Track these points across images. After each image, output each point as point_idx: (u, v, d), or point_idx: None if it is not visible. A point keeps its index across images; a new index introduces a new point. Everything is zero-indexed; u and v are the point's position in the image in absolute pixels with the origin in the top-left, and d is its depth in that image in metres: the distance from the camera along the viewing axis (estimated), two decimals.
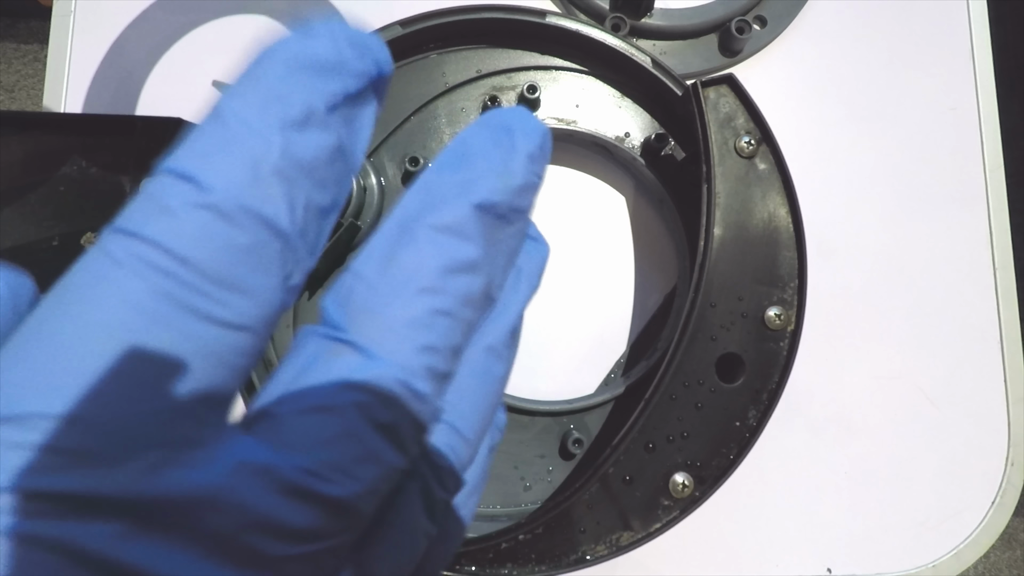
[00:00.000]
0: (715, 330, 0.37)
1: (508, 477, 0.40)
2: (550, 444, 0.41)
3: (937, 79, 0.48)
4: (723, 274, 0.37)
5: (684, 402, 0.36)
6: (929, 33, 0.49)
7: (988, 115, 0.48)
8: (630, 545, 0.35)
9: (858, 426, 0.43)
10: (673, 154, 0.43)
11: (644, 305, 0.44)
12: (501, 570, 0.35)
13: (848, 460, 0.43)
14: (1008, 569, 1.20)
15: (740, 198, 0.38)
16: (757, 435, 0.36)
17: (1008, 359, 0.45)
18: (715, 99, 0.38)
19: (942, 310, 0.45)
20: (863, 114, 0.47)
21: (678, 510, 0.36)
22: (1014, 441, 0.44)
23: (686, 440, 0.36)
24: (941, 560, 0.42)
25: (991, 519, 0.43)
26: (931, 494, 0.43)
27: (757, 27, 0.47)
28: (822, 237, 0.45)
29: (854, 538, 0.42)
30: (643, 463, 0.36)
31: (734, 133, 0.38)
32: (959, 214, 0.46)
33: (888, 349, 0.44)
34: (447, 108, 0.42)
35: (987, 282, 0.46)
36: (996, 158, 0.47)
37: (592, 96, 0.43)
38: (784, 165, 0.38)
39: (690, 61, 0.46)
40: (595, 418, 0.41)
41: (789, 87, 0.47)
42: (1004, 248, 0.46)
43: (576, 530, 0.35)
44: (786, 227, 0.38)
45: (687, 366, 0.36)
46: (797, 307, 0.37)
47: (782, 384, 0.36)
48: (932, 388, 0.44)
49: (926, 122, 0.47)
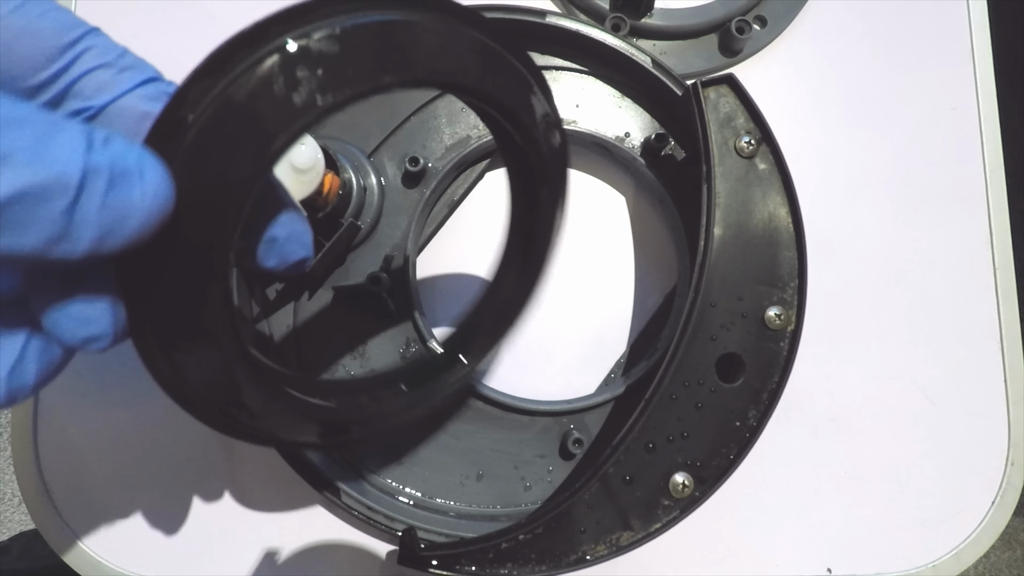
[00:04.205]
0: (715, 330, 0.37)
1: (508, 477, 0.40)
2: (550, 444, 0.41)
3: (937, 79, 0.48)
4: (723, 274, 0.37)
5: (684, 402, 0.36)
6: (929, 33, 0.49)
7: (988, 115, 0.48)
8: (630, 545, 0.35)
9: (858, 426, 0.43)
10: (673, 154, 0.43)
11: (644, 305, 0.44)
12: (501, 570, 0.35)
13: (848, 460, 0.43)
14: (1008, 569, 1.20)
15: (740, 198, 0.38)
16: (757, 435, 0.36)
17: (1008, 359, 0.45)
18: (715, 99, 0.38)
19: (942, 310, 0.45)
20: (863, 114, 0.47)
21: (678, 510, 0.36)
22: (1014, 441, 0.44)
23: (686, 440, 0.36)
24: (941, 560, 0.42)
25: (991, 519, 0.43)
26: (931, 494, 0.43)
27: (757, 27, 0.47)
28: (822, 237, 0.45)
29: (854, 538, 0.42)
30: (643, 463, 0.36)
31: (734, 133, 0.38)
32: (959, 214, 0.46)
33: (888, 349, 0.44)
34: (447, 108, 0.42)
35: (987, 282, 0.46)
36: (996, 158, 0.47)
37: (592, 96, 0.43)
38: (784, 165, 0.38)
39: (690, 61, 0.46)
40: (595, 418, 0.41)
41: (789, 87, 0.47)
42: (1004, 248, 0.46)
43: (576, 530, 0.35)
44: (786, 227, 0.38)
45: (687, 366, 0.36)
46: (797, 307, 0.37)
47: (782, 384, 0.36)
48: (932, 388, 0.44)
49: (926, 122, 0.47)
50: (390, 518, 0.38)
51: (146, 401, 0.41)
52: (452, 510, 0.40)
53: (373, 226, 0.41)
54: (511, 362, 0.43)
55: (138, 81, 0.24)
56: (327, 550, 0.40)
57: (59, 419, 0.41)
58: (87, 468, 0.40)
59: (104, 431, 0.40)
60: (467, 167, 0.43)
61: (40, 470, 0.40)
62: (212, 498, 0.40)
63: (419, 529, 0.37)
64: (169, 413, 0.41)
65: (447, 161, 0.41)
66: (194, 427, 0.40)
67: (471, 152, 0.42)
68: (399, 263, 0.41)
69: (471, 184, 0.44)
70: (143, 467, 0.40)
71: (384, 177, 0.41)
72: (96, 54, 0.23)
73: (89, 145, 0.17)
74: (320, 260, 0.37)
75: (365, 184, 0.40)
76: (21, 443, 0.40)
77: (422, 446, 0.40)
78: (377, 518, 0.38)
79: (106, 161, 0.17)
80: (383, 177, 0.41)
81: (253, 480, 0.40)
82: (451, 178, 0.43)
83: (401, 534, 0.36)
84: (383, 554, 0.40)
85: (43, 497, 0.40)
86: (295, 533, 0.40)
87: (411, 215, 0.41)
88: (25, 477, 0.40)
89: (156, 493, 0.40)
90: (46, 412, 0.40)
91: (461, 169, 0.43)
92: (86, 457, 0.40)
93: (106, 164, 0.17)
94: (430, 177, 0.41)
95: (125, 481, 0.40)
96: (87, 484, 0.40)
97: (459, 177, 0.43)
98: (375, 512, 0.38)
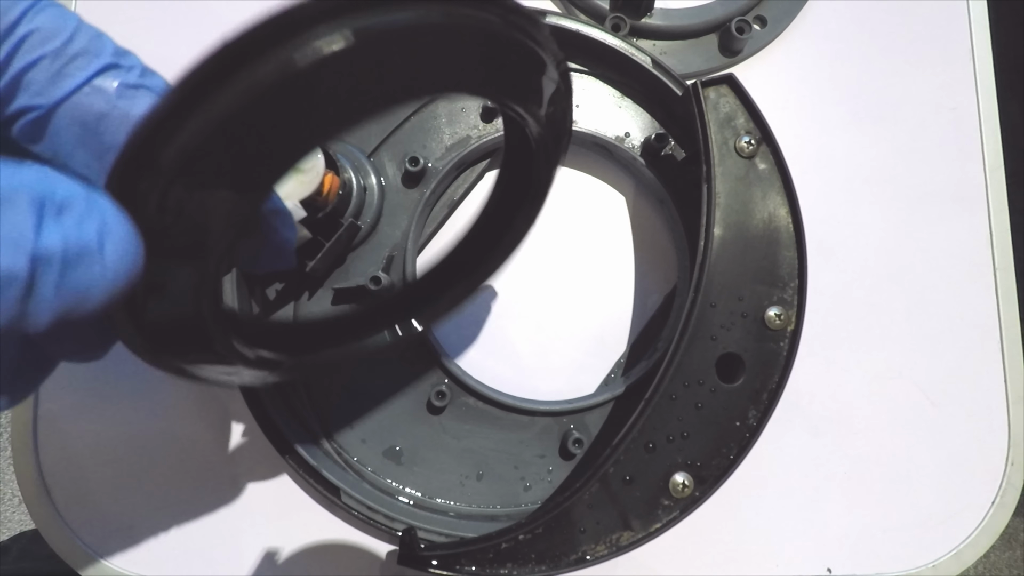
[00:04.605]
0: (715, 330, 0.37)
1: (508, 477, 0.40)
2: (550, 444, 0.41)
3: (937, 79, 0.48)
4: (723, 274, 0.37)
5: (684, 402, 0.36)
6: (929, 33, 0.49)
7: (988, 115, 0.48)
8: (630, 545, 0.35)
9: (858, 426, 0.43)
10: (673, 154, 0.43)
11: (644, 305, 0.44)
12: (501, 570, 0.35)
13: (848, 460, 0.43)
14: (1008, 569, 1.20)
15: (740, 198, 0.38)
16: (757, 435, 0.36)
17: (1008, 359, 0.45)
18: (715, 99, 0.38)
19: (942, 310, 0.45)
20: (863, 114, 0.47)
21: (678, 510, 0.36)
22: (1014, 441, 0.44)
23: (686, 440, 0.36)
24: (941, 560, 0.42)
25: (991, 519, 0.43)
26: (931, 494, 0.43)
27: (757, 27, 0.47)
28: (822, 237, 0.45)
29: (854, 538, 0.42)
30: (643, 463, 0.36)
31: (734, 133, 0.38)
32: (959, 214, 0.46)
33: (888, 349, 0.44)
34: (447, 108, 0.42)
35: (987, 282, 0.46)
36: (996, 158, 0.47)
37: (592, 96, 0.43)
38: (784, 165, 0.38)
39: (690, 61, 0.46)
40: (595, 418, 0.41)
41: (789, 87, 0.47)
42: (1004, 248, 0.46)
43: (576, 530, 0.35)
44: (786, 227, 0.38)
45: (687, 366, 0.36)
46: (797, 307, 0.37)
47: (782, 384, 0.36)
48: (932, 388, 0.44)
49: (926, 122, 0.47)
50: (390, 518, 0.38)
51: (146, 401, 0.41)
52: (452, 510, 0.40)
53: (373, 226, 0.41)
54: (511, 362, 0.43)
55: (92, 71, 0.20)
56: (327, 550, 0.40)
57: (59, 419, 0.40)
58: (87, 468, 0.40)
59: (104, 431, 0.40)
60: (467, 167, 0.43)
61: (40, 470, 0.40)
62: (212, 498, 0.40)
63: (419, 529, 0.37)
64: (169, 413, 0.41)
65: (447, 161, 0.41)
66: (195, 427, 0.41)
67: (471, 152, 0.42)
68: (399, 263, 0.41)
69: (471, 184, 0.44)
70: (143, 467, 0.40)
71: (384, 177, 0.41)
72: (41, 38, 0.20)
73: (39, 223, 0.15)
74: (320, 260, 0.37)
75: (365, 184, 0.40)
76: (21, 443, 0.40)
77: (422, 446, 0.40)
78: (377, 518, 0.38)
79: (58, 243, 0.15)
80: (383, 177, 0.41)
81: (253, 480, 0.40)
82: (451, 178, 0.43)
83: (401, 534, 0.36)
84: (383, 554, 0.40)
85: (43, 497, 0.40)
86: (295, 533, 0.40)
87: (411, 215, 0.41)
88: (25, 477, 0.40)
89: (156, 493, 0.40)
90: (46, 412, 0.40)
91: (461, 169, 0.43)
92: (86, 457, 0.40)
93: (58, 248, 0.15)
94: (430, 177, 0.41)
95: (125, 481, 0.40)
96: (87, 484, 0.40)
97: (459, 177, 0.43)
98: (375, 512, 0.38)
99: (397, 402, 0.40)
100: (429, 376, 0.40)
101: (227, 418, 0.41)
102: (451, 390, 0.40)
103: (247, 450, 0.40)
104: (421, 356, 0.40)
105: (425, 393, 0.40)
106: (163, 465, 0.40)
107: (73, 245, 0.15)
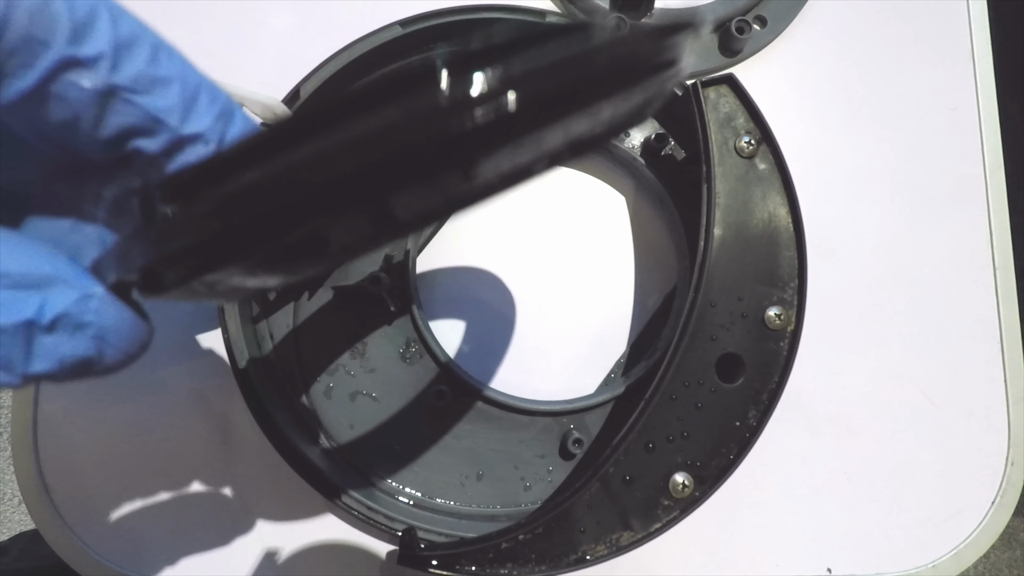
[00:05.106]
0: (715, 330, 0.37)
1: (508, 477, 0.40)
2: (550, 444, 0.41)
3: (937, 79, 0.48)
4: (723, 274, 0.37)
5: (684, 402, 0.36)
6: (929, 33, 0.49)
7: (988, 115, 0.48)
8: (630, 545, 0.35)
9: (858, 426, 0.43)
10: (673, 154, 0.43)
11: (644, 305, 0.44)
12: (501, 570, 0.35)
13: (848, 460, 0.43)
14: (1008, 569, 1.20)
15: (740, 198, 0.38)
16: (757, 435, 0.36)
17: (1008, 359, 0.45)
18: (715, 99, 0.38)
19: (942, 310, 0.45)
20: (863, 114, 0.47)
21: (678, 510, 0.36)
22: (1014, 441, 0.44)
23: (686, 440, 0.36)
24: (941, 560, 0.42)
25: (991, 519, 0.43)
26: (931, 494, 0.43)
27: (757, 27, 0.47)
28: (822, 237, 0.45)
29: (854, 538, 0.42)
30: (643, 463, 0.36)
31: (734, 133, 0.38)
32: (959, 214, 0.46)
33: (888, 349, 0.44)
34: None
35: (987, 282, 0.46)
36: (996, 158, 0.47)
37: None
38: (784, 165, 0.38)
39: (690, 61, 0.46)
40: (595, 418, 0.41)
41: (789, 87, 0.47)
42: (1004, 248, 0.46)
43: (576, 530, 0.35)
44: (786, 227, 0.38)
45: (687, 366, 0.36)
46: (797, 307, 0.37)
47: (782, 384, 0.36)
48: (932, 388, 0.44)
49: (926, 122, 0.47)
50: (390, 518, 0.38)
51: (146, 401, 0.41)
52: (452, 510, 0.40)
53: None
54: (511, 362, 0.43)
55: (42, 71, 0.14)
56: (327, 550, 0.40)
57: (59, 419, 0.40)
58: (87, 468, 0.40)
59: (104, 431, 0.40)
60: None
61: (40, 470, 0.40)
62: (212, 498, 0.40)
63: (419, 529, 0.37)
64: (169, 414, 0.41)
65: None
66: (195, 427, 0.41)
67: None
68: (399, 262, 0.41)
69: None
70: (143, 467, 0.40)
71: None
72: None
73: (28, 349, 0.14)
74: None
75: None
76: (21, 443, 0.40)
77: (422, 446, 0.40)
78: (377, 518, 0.38)
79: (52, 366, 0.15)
80: None
81: (253, 480, 0.40)
82: None
83: (401, 534, 0.36)
84: (383, 554, 0.40)
85: (43, 497, 0.40)
86: (295, 533, 0.40)
87: None
88: (25, 477, 0.40)
89: (156, 493, 0.40)
90: (46, 412, 0.40)
91: None
92: (86, 457, 0.40)
93: (53, 368, 0.15)
94: None
95: (125, 482, 0.40)
96: (87, 484, 0.40)
97: None
98: (375, 512, 0.38)
99: (397, 402, 0.40)
100: (429, 376, 0.41)
101: (227, 418, 0.41)
102: (451, 390, 0.40)
103: (247, 450, 0.40)
104: (421, 356, 0.40)
105: (425, 393, 0.40)
106: (163, 465, 0.40)
107: (68, 360, 0.15)
